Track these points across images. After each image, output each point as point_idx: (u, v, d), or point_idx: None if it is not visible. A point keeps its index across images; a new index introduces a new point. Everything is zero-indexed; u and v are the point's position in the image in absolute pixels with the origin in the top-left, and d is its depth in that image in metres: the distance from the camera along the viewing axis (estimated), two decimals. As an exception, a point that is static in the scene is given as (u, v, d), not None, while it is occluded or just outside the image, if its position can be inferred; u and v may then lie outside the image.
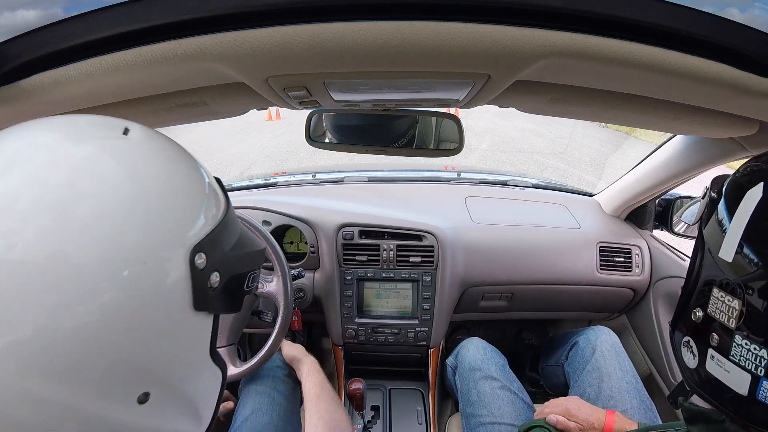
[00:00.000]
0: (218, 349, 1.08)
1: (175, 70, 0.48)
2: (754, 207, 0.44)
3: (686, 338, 0.52)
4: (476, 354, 1.16)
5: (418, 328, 1.34)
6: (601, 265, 1.38)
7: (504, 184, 1.68)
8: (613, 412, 0.92)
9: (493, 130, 8.57)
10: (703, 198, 0.56)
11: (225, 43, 0.43)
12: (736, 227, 0.45)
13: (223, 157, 6.69)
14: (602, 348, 1.12)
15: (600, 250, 1.39)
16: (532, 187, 1.66)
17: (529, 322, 1.83)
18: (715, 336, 0.46)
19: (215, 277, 0.39)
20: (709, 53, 0.44)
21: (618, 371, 1.06)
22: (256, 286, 0.49)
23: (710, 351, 0.47)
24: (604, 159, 6.77)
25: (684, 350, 0.52)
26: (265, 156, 6.73)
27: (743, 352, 0.43)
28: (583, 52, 0.43)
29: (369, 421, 1.22)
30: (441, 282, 1.32)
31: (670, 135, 1.09)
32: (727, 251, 0.46)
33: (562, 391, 1.19)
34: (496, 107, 0.72)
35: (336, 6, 0.42)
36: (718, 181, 0.54)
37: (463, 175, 1.77)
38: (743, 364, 0.43)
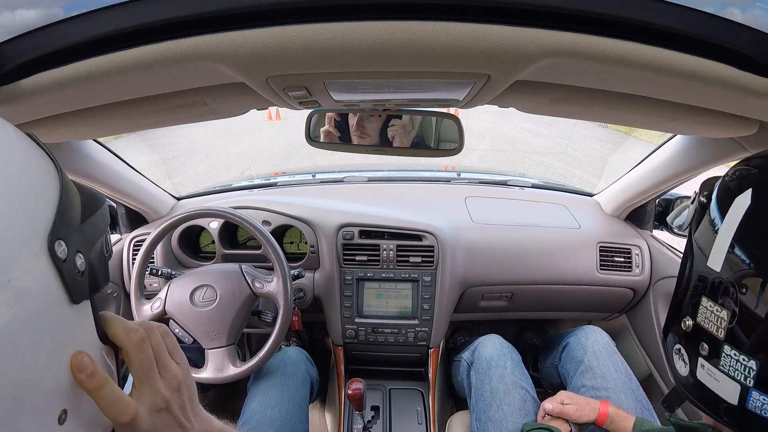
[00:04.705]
0: (216, 349, 1.08)
1: (175, 70, 0.48)
2: (741, 215, 0.43)
3: (677, 346, 0.51)
4: (494, 350, 1.17)
5: (418, 328, 1.34)
6: (601, 265, 1.38)
7: (504, 184, 1.68)
8: (607, 403, 0.94)
9: (492, 130, 8.59)
10: (692, 202, 0.55)
11: (225, 43, 0.43)
12: (725, 236, 0.44)
13: (223, 157, 6.70)
14: (594, 348, 1.12)
15: (600, 250, 1.39)
16: (532, 187, 1.66)
17: (531, 322, 1.83)
18: (705, 345, 0.46)
19: (80, 260, 0.34)
20: (709, 53, 0.44)
21: (612, 372, 1.06)
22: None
23: (700, 360, 0.47)
24: (604, 159, 6.78)
25: (675, 357, 0.52)
26: (265, 156, 6.74)
27: (732, 362, 0.43)
28: (583, 52, 0.43)
29: (369, 421, 1.22)
30: (441, 282, 1.32)
31: (670, 135, 1.09)
32: (715, 260, 0.45)
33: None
34: (495, 107, 0.72)
35: (336, 6, 0.41)
36: (707, 185, 0.53)
37: (463, 175, 1.77)
38: (733, 374, 0.42)
